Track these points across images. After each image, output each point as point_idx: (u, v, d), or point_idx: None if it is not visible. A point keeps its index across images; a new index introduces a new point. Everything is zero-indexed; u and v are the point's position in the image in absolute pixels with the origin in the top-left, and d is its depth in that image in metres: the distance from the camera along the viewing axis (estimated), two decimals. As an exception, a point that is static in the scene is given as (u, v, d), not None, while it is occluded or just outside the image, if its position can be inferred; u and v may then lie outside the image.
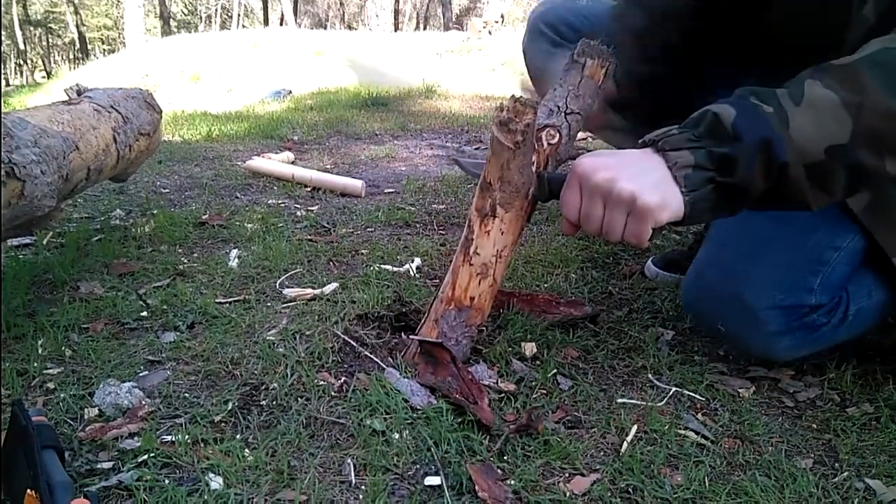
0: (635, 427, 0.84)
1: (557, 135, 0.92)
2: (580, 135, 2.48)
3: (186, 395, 0.88)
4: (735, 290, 0.93)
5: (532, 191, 0.89)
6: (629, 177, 0.76)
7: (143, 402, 0.86)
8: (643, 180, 0.76)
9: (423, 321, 0.98)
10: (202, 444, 0.77)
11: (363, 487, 0.72)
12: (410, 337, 0.98)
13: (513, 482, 0.73)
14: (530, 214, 0.93)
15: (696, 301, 1.00)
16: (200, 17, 29.72)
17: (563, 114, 0.93)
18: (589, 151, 0.84)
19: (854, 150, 0.73)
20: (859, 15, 0.83)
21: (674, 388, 0.94)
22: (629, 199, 0.75)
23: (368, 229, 1.67)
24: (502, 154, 0.86)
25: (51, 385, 0.90)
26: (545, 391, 0.92)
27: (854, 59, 0.75)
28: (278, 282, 1.28)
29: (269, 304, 1.18)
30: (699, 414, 0.89)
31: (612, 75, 1.01)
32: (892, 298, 0.98)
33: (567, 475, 0.75)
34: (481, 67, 7.09)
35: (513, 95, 0.84)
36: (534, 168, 0.91)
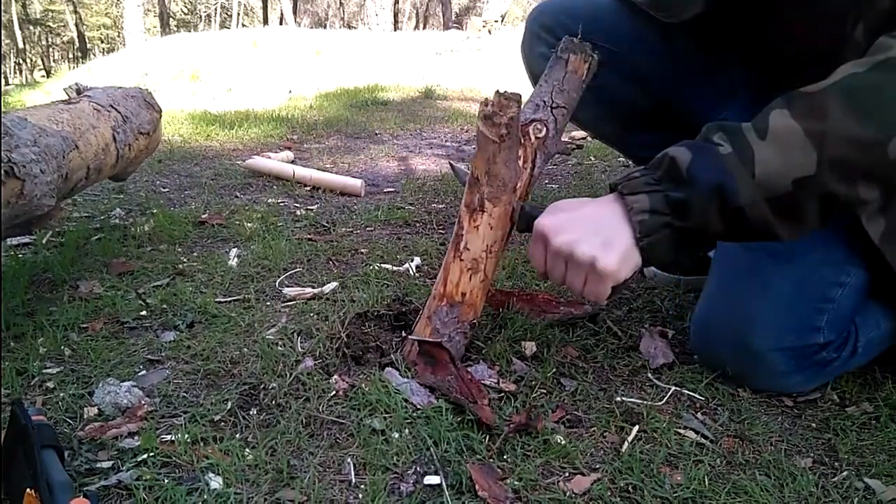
0: (636, 427, 0.84)
1: (544, 129, 0.93)
2: (580, 134, 2.48)
3: (186, 394, 0.88)
4: (740, 333, 0.91)
5: (513, 218, 0.91)
6: (588, 237, 0.79)
7: (143, 402, 0.86)
8: (600, 240, 0.78)
9: (417, 318, 0.98)
10: (202, 444, 0.77)
11: (363, 486, 0.72)
12: (408, 336, 0.98)
13: (513, 481, 0.73)
14: None
15: (702, 344, 0.99)
16: (200, 17, 29.69)
17: (549, 108, 0.94)
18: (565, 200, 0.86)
19: (822, 179, 0.73)
20: (851, 38, 0.83)
21: (673, 388, 0.94)
22: (588, 263, 0.78)
23: (368, 228, 1.67)
24: (488, 148, 0.87)
25: (50, 384, 0.90)
26: (545, 390, 0.92)
27: (823, 87, 0.75)
28: (278, 281, 1.28)
29: (268, 303, 1.18)
30: (699, 413, 0.89)
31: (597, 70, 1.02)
32: None
33: (567, 474, 0.75)
34: (481, 67, 7.08)
35: (497, 90, 0.85)
36: (521, 162, 0.92)
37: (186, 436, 0.77)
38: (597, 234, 0.79)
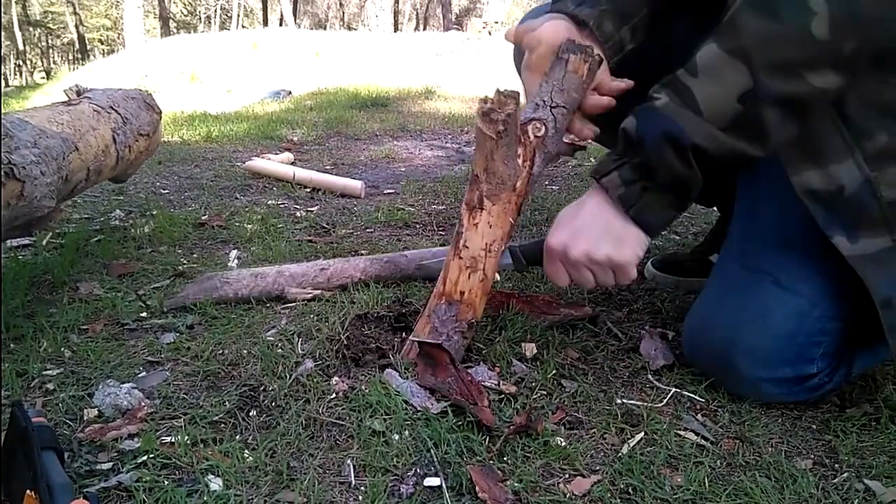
0: (636, 428, 0.84)
1: (543, 127, 0.94)
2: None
3: (186, 395, 0.88)
4: (735, 360, 0.89)
5: (509, 265, 0.95)
6: (597, 241, 0.85)
7: (143, 403, 0.86)
8: (611, 239, 0.84)
9: (418, 317, 0.98)
10: (201, 445, 0.77)
11: (363, 488, 0.72)
12: (409, 338, 0.98)
13: (513, 483, 0.73)
14: (520, 208, 0.94)
15: (695, 357, 0.97)
16: (200, 18, 29.73)
17: (548, 107, 0.95)
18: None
19: (764, 85, 0.74)
20: None
21: (674, 389, 0.94)
22: (608, 263, 0.85)
23: (368, 230, 1.67)
24: (486, 144, 0.89)
25: (50, 386, 0.90)
26: (545, 392, 0.92)
27: (732, 8, 0.77)
28: (278, 282, 1.28)
29: (268, 304, 1.18)
30: (699, 415, 0.89)
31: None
32: None
33: (567, 476, 0.75)
34: (481, 68, 7.09)
35: (497, 88, 0.87)
36: (520, 161, 0.92)
37: (186, 437, 0.77)
38: (605, 234, 0.85)
